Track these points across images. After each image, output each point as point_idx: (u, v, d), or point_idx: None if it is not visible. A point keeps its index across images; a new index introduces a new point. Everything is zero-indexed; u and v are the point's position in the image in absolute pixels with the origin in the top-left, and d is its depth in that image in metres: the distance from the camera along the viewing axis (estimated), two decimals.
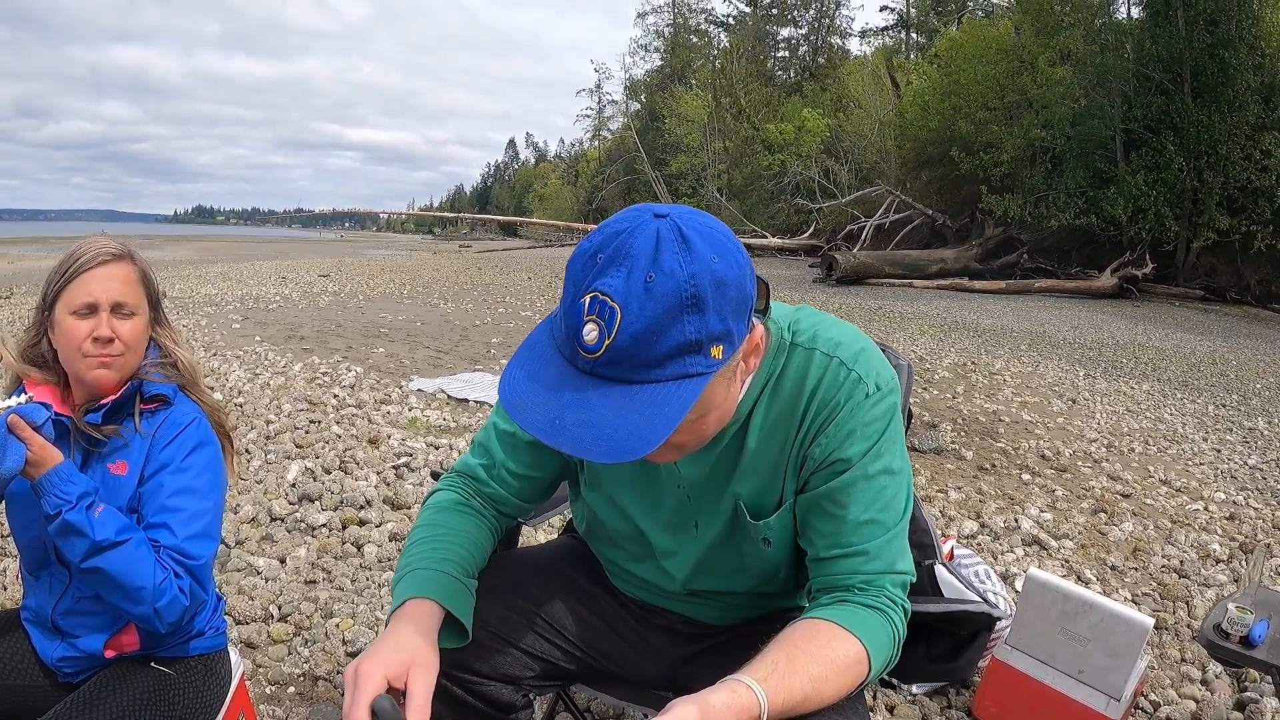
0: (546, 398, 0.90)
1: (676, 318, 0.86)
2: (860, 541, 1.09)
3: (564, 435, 0.88)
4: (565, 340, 0.92)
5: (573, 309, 0.89)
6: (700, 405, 0.94)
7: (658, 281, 0.85)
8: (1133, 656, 1.85)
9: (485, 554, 1.25)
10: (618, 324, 0.85)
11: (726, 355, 0.92)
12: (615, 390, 0.88)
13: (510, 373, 0.95)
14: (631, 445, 0.86)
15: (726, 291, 0.89)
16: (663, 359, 0.87)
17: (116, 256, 1.39)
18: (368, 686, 0.94)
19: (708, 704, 0.84)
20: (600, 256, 0.88)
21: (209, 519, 1.38)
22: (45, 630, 1.43)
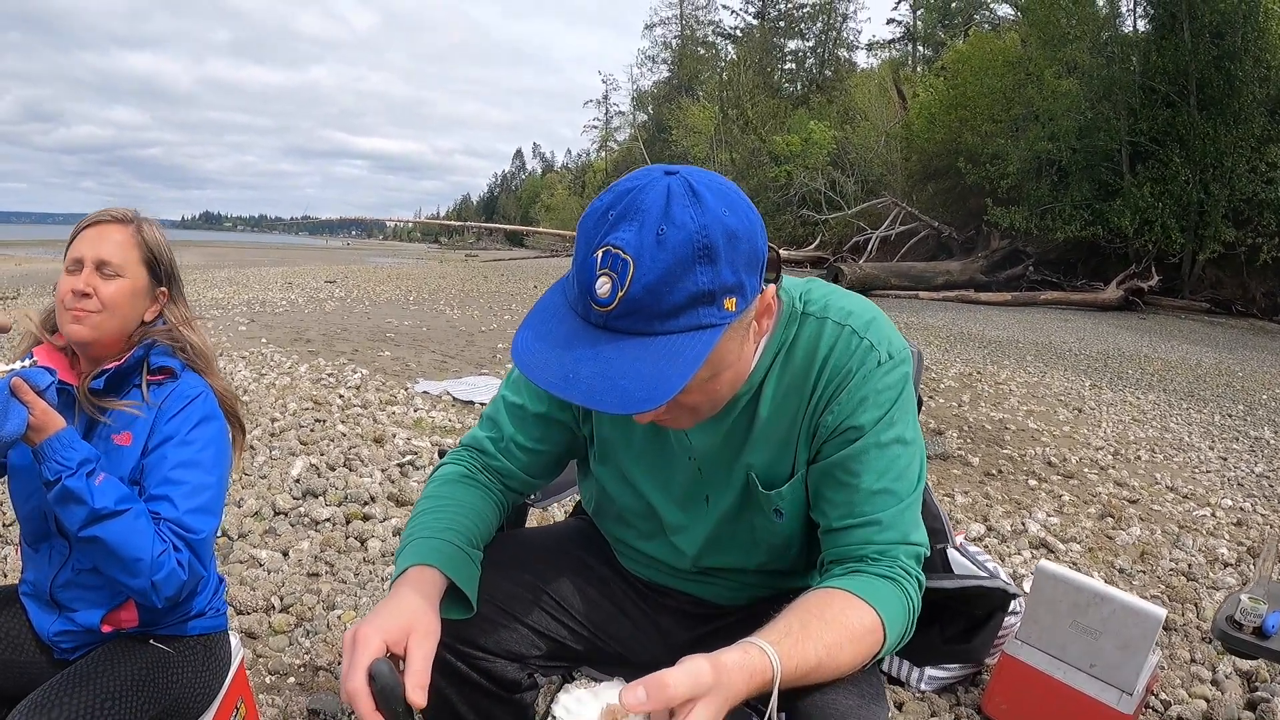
0: (559, 354, 0.90)
1: (689, 268, 0.86)
2: (873, 511, 1.07)
3: (577, 388, 0.87)
4: (578, 298, 0.92)
5: (585, 265, 0.89)
6: (713, 360, 0.94)
7: (669, 234, 0.85)
8: (1145, 648, 1.82)
9: (491, 527, 1.23)
10: (630, 275, 0.85)
11: (739, 308, 0.91)
12: (629, 342, 0.88)
13: (521, 334, 0.94)
14: (646, 396, 0.85)
15: (738, 244, 0.89)
16: (676, 310, 0.87)
17: (116, 220, 1.40)
18: (365, 651, 0.91)
19: (720, 662, 0.82)
20: (612, 213, 0.88)
21: (211, 494, 1.35)
22: (43, 604, 1.42)
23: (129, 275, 1.38)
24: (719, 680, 0.81)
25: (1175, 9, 19.49)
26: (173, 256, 1.47)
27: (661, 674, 0.78)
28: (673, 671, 0.79)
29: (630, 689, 0.77)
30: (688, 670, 0.79)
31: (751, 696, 0.86)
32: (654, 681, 0.77)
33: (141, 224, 1.42)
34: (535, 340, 0.93)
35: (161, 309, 1.44)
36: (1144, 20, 21.85)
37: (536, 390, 1.27)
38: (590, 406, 0.87)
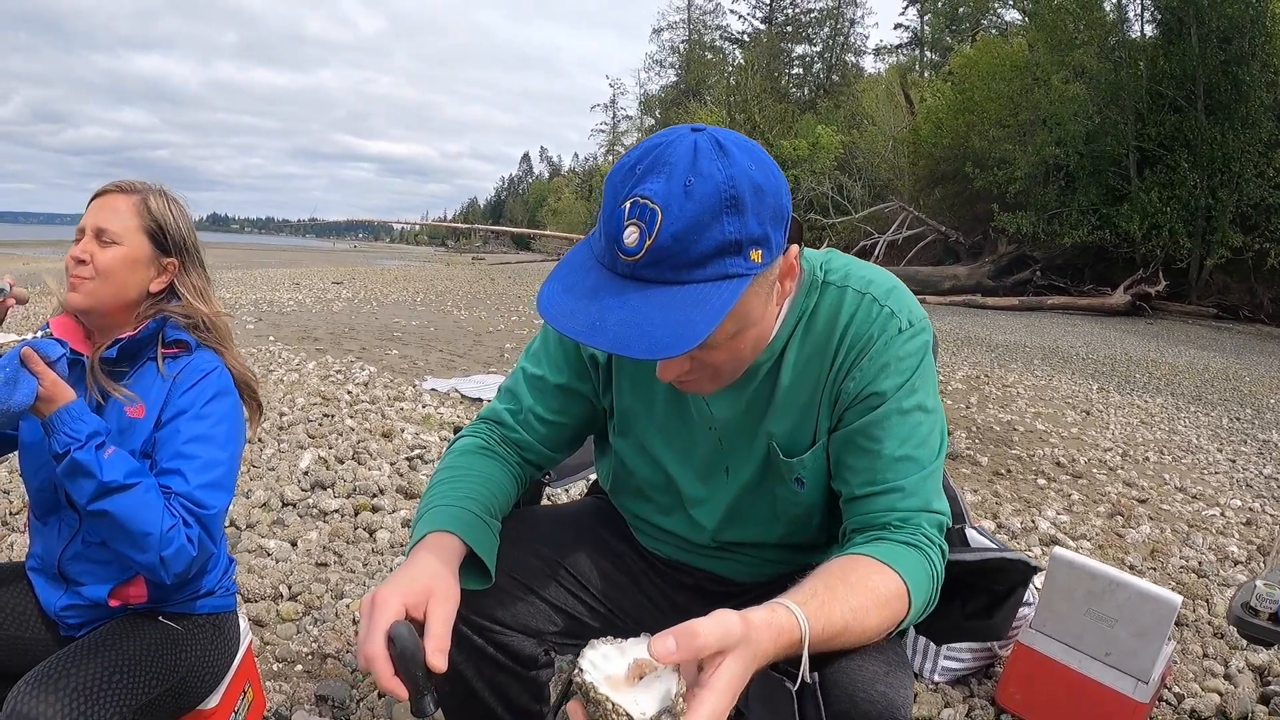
0: (586, 304, 0.90)
1: (716, 217, 0.87)
2: (896, 478, 1.07)
3: (604, 335, 0.87)
4: (604, 249, 0.92)
5: (612, 217, 0.90)
6: (739, 313, 0.94)
7: (697, 184, 0.86)
8: (1161, 636, 1.81)
9: (509, 498, 1.23)
10: (658, 224, 0.86)
11: (765, 261, 0.92)
12: (656, 291, 0.88)
13: (547, 286, 0.94)
14: (673, 341, 0.85)
15: (764, 198, 0.90)
16: (703, 259, 0.88)
17: (120, 189, 1.40)
18: (384, 613, 0.89)
19: (748, 619, 0.81)
20: (639, 167, 0.89)
21: (224, 469, 1.35)
22: (50, 578, 1.41)
23: (127, 243, 1.37)
24: (747, 635, 0.80)
25: (1183, 14, 19.47)
26: (187, 227, 1.45)
27: (691, 623, 0.76)
28: (703, 621, 0.77)
29: (659, 639, 0.75)
30: (718, 620, 0.78)
31: (778, 657, 0.85)
32: (684, 631, 0.75)
33: (150, 194, 1.41)
34: (562, 292, 0.93)
35: (172, 280, 1.43)
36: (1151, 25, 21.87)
37: (556, 361, 1.27)
38: (617, 353, 0.88)
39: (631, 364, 1.24)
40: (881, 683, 0.95)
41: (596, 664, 0.75)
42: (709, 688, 0.76)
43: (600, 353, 1.25)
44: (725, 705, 0.76)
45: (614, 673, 0.76)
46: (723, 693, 0.76)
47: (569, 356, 1.27)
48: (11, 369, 1.16)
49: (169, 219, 1.41)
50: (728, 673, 0.77)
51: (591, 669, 0.74)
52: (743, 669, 0.79)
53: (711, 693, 0.75)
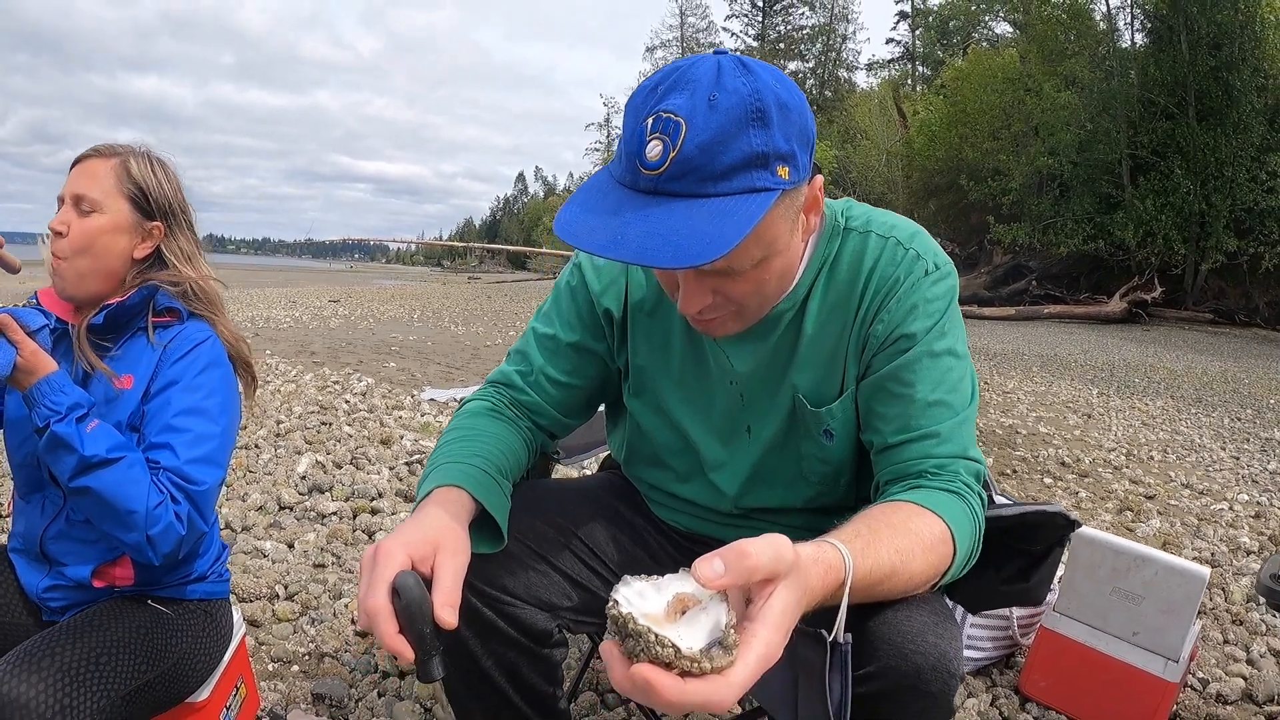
0: (606, 220, 0.86)
1: (742, 129, 0.84)
2: (930, 424, 1.02)
3: (627, 248, 0.82)
4: (625, 169, 0.88)
5: (634, 134, 0.86)
6: (765, 236, 0.91)
7: (721, 98, 0.83)
8: (1191, 611, 1.75)
9: (520, 462, 1.16)
10: (683, 135, 0.83)
11: (792, 180, 0.88)
12: (680, 204, 0.84)
13: (565, 210, 0.90)
14: (700, 250, 0.81)
15: (790, 115, 0.87)
16: (729, 170, 0.84)
17: (99, 153, 1.34)
18: (388, 565, 0.82)
19: (797, 549, 0.74)
20: (661, 87, 0.87)
21: (216, 444, 1.28)
22: (32, 558, 1.34)
23: (108, 210, 1.30)
24: (798, 564, 0.72)
25: (1172, 22, 19.64)
26: (173, 189, 1.38)
27: (740, 542, 0.68)
28: (752, 540, 0.68)
29: (704, 561, 0.66)
30: (769, 541, 0.69)
31: (825, 598, 0.78)
32: (733, 550, 0.67)
33: (131, 157, 1.35)
34: (580, 213, 0.89)
35: (157, 245, 1.37)
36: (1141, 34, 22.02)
37: (569, 319, 1.22)
38: (641, 263, 0.83)
39: (647, 319, 1.19)
40: (931, 633, 0.89)
41: (631, 600, 0.66)
42: (761, 620, 0.67)
43: (615, 308, 1.20)
44: (779, 641, 0.67)
45: (651, 610, 0.66)
46: (776, 626, 0.67)
47: (582, 314, 1.22)
48: None
49: (152, 182, 1.35)
50: (780, 603, 0.69)
51: (626, 602, 0.66)
52: (795, 601, 0.70)
53: (764, 626, 0.67)
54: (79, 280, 1.30)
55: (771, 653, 0.66)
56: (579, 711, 1.89)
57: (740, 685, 0.63)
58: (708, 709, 0.63)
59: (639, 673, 0.62)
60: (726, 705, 0.63)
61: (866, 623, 0.91)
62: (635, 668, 0.62)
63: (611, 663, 0.65)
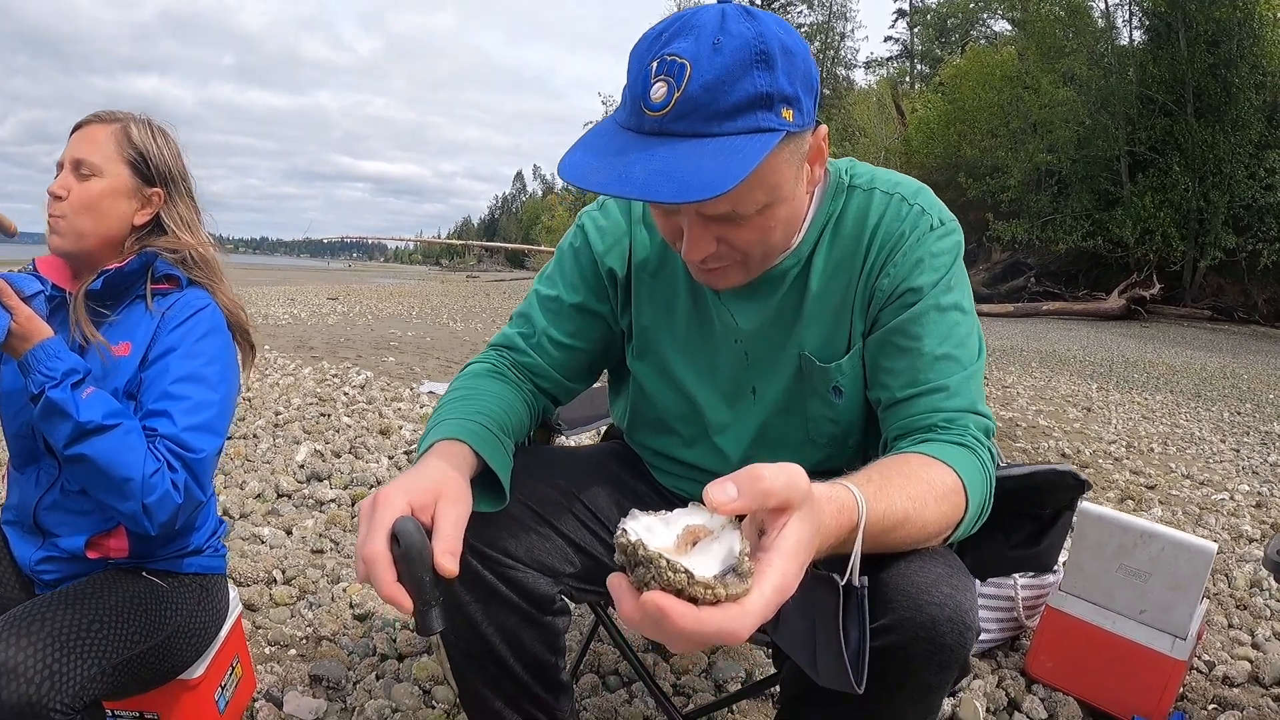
0: (610, 160, 0.86)
1: (747, 70, 0.84)
2: (938, 377, 1.00)
3: (631, 185, 0.82)
4: (630, 113, 0.88)
5: (639, 78, 0.87)
6: (769, 180, 0.90)
7: (725, 41, 0.84)
8: (1198, 588, 1.73)
9: (522, 422, 1.14)
10: (687, 76, 0.83)
11: (797, 122, 0.88)
12: (684, 143, 0.84)
13: (569, 153, 0.90)
14: (705, 185, 0.80)
15: (794, 60, 0.87)
16: (734, 110, 0.84)
17: (99, 118, 1.33)
18: (387, 511, 0.79)
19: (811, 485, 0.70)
20: (666, 33, 0.87)
21: (214, 412, 1.26)
22: (26, 530, 1.32)
23: (108, 175, 1.29)
24: (812, 495, 0.68)
25: (1170, 19, 19.64)
26: (173, 156, 1.37)
27: (755, 466, 0.64)
28: (766, 465, 0.64)
29: (717, 484, 0.62)
30: (783, 467, 0.65)
31: (838, 539, 0.75)
32: (746, 474, 0.63)
33: (132, 123, 1.34)
34: (585, 155, 0.88)
35: (156, 211, 1.35)
36: (1139, 31, 22.03)
37: (572, 280, 1.20)
38: (646, 198, 0.82)
39: (651, 279, 1.17)
40: (947, 584, 0.87)
41: (640, 534, 0.62)
42: (775, 550, 0.63)
43: (619, 268, 1.19)
44: (795, 572, 0.64)
45: (662, 544, 0.62)
46: (791, 556, 0.63)
47: (585, 275, 1.20)
48: None
49: (152, 147, 1.33)
50: (794, 534, 0.65)
51: (634, 532, 0.62)
52: (809, 533, 0.67)
53: (779, 556, 0.63)
54: (77, 238, 1.29)
55: (788, 583, 0.63)
56: (580, 692, 1.87)
57: (758, 614, 0.60)
58: (723, 640, 0.59)
59: (650, 600, 0.58)
60: (743, 636, 0.60)
61: (880, 574, 0.88)
62: (646, 596, 0.58)
63: (620, 595, 0.61)
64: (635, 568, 0.60)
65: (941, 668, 0.86)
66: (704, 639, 0.59)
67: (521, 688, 1.17)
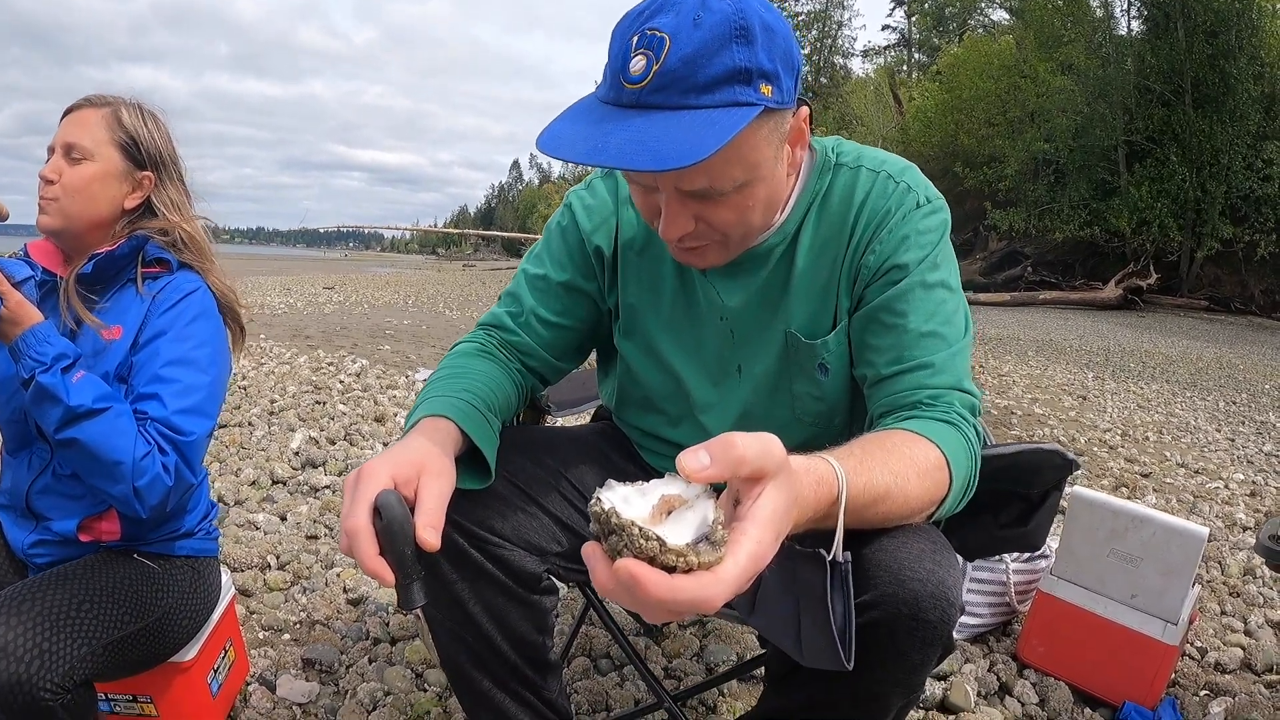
0: (587, 130, 0.86)
1: (725, 44, 0.84)
2: (923, 354, 1.00)
3: (606, 154, 0.82)
4: (609, 87, 0.88)
5: (619, 54, 0.87)
6: (747, 158, 0.90)
7: (705, 17, 0.84)
8: (1189, 573, 1.73)
9: (510, 401, 1.15)
10: (666, 49, 0.83)
11: (776, 99, 0.88)
12: (661, 115, 0.84)
13: (548, 126, 0.90)
14: (679, 154, 0.80)
15: (774, 37, 0.87)
16: (712, 83, 0.84)
17: (90, 102, 1.32)
18: (371, 484, 0.79)
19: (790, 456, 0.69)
20: (646, 11, 0.87)
21: (205, 394, 1.26)
22: (19, 514, 1.33)
23: (99, 159, 1.29)
24: (788, 465, 0.67)
25: (1169, 9, 19.58)
26: (163, 139, 1.37)
27: (728, 434, 0.63)
28: (740, 434, 0.63)
29: (690, 452, 0.61)
30: (758, 436, 0.64)
31: (817, 512, 0.75)
32: (719, 441, 0.62)
33: (122, 106, 1.33)
34: (563, 127, 0.88)
35: (147, 194, 1.35)
36: (1138, 21, 21.95)
37: (559, 258, 1.21)
38: (621, 167, 0.82)
39: (637, 257, 1.18)
40: (929, 560, 0.87)
41: (614, 501, 0.62)
42: (750, 519, 0.62)
43: (606, 246, 1.19)
44: (770, 541, 0.62)
45: (636, 514, 0.62)
46: (765, 525, 0.62)
47: (572, 253, 1.21)
48: None
49: (143, 131, 1.33)
50: (769, 503, 0.63)
51: (609, 501, 0.61)
52: (785, 504, 0.65)
53: (753, 524, 0.62)
54: (66, 219, 1.28)
55: (763, 551, 0.62)
56: (572, 675, 1.88)
57: (731, 582, 0.59)
58: (696, 608, 0.59)
59: (623, 567, 0.57)
60: (716, 605, 0.59)
61: (862, 550, 0.89)
62: (620, 563, 0.58)
63: (594, 563, 0.61)
64: (609, 536, 0.60)
65: (925, 644, 0.86)
66: (677, 607, 0.58)
67: (509, 667, 1.17)
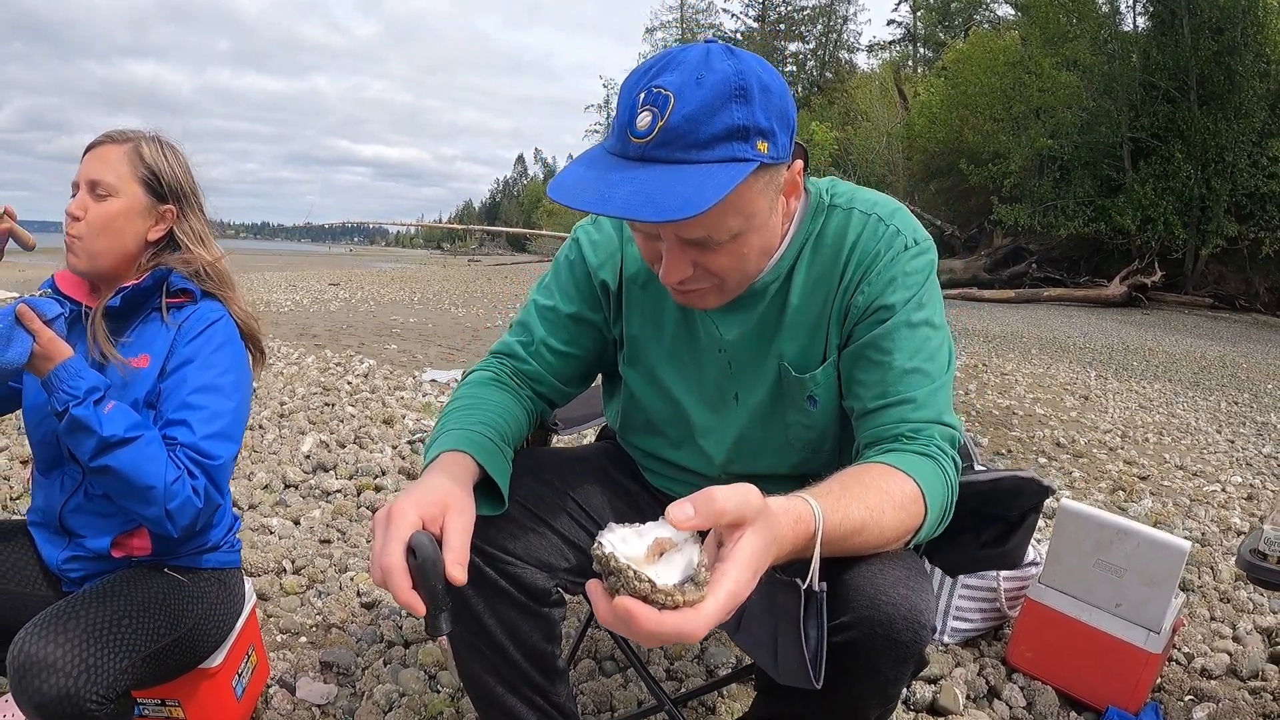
0: (595, 179, 0.94)
1: (725, 103, 0.91)
2: (906, 390, 1.08)
3: (612, 205, 0.90)
4: (616, 139, 0.96)
5: (627, 108, 0.94)
6: (743, 208, 0.97)
7: (707, 76, 0.91)
8: (1171, 584, 1.80)
9: (521, 429, 1.22)
10: (670, 107, 0.90)
11: (772, 154, 0.95)
12: (665, 168, 0.91)
13: (560, 174, 0.98)
14: (679, 206, 0.87)
15: (771, 97, 0.94)
16: (712, 140, 0.91)
17: (112, 139, 1.38)
18: (401, 525, 0.87)
19: (767, 500, 0.79)
20: (654, 68, 0.94)
21: (230, 419, 1.33)
22: (52, 532, 1.39)
23: (123, 195, 1.35)
24: (766, 511, 0.78)
25: (1174, 5, 19.52)
26: (183, 171, 1.43)
27: (709, 489, 0.74)
28: (721, 487, 0.74)
29: (677, 505, 0.72)
30: (737, 488, 0.75)
31: (796, 548, 0.84)
32: (702, 495, 0.73)
33: (143, 141, 1.39)
34: (573, 176, 0.96)
35: (169, 226, 1.41)
36: (1143, 17, 21.88)
37: (567, 291, 1.29)
38: (625, 217, 0.90)
39: (641, 291, 1.25)
40: (903, 586, 0.95)
41: (614, 543, 0.73)
42: (730, 560, 0.73)
43: (611, 281, 1.26)
44: (747, 580, 0.73)
45: (633, 553, 0.73)
46: (744, 566, 0.73)
47: (580, 286, 1.28)
48: (5, 326, 1.15)
49: (164, 165, 1.39)
50: (748, 546, 0.74)
51: (609, 544, 0.72)
52: (763, 545, 0.76)
53: (733, 565, 0.73)
54: (92, 258, 1.35)
55: (740, 590, 0.72)
56: (578, 677, 1.95)
57: (710, 617, 0.70)
58: (681, 639, 0.70)
59: (620, 605, 0.69)
60: (698, 636, 0.69)
61: (842, 576, 0.97)
62: (617, 600, 0.69)
63: (596, 599, 0.71)
64: (608, 576, 0.70)
65: (898, 661, 0.95)
66: (665, 637, 0.69)
67: (520, 674, 1.25)
